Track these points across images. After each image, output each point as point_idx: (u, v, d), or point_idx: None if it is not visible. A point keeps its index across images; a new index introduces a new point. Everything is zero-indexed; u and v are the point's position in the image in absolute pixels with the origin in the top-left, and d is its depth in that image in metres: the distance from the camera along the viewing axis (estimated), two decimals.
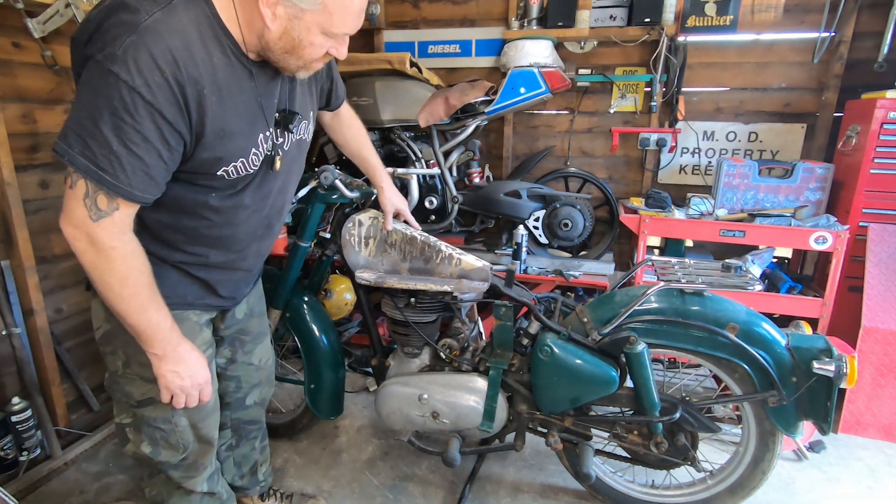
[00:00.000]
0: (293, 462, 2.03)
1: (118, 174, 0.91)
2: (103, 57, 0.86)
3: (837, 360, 1.36)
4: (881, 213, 2.26)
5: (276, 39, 0.98)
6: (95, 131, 0.88)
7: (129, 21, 0.88)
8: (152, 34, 0.89)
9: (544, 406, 1.61)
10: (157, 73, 0.89)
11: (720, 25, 2.58)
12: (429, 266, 1.70)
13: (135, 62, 0.87)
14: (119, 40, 0.87)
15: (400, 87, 2.71)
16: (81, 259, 0.96)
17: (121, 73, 0.86)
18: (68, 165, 0.91)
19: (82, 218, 0.92)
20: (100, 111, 0.87)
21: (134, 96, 0.87)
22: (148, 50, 0.88)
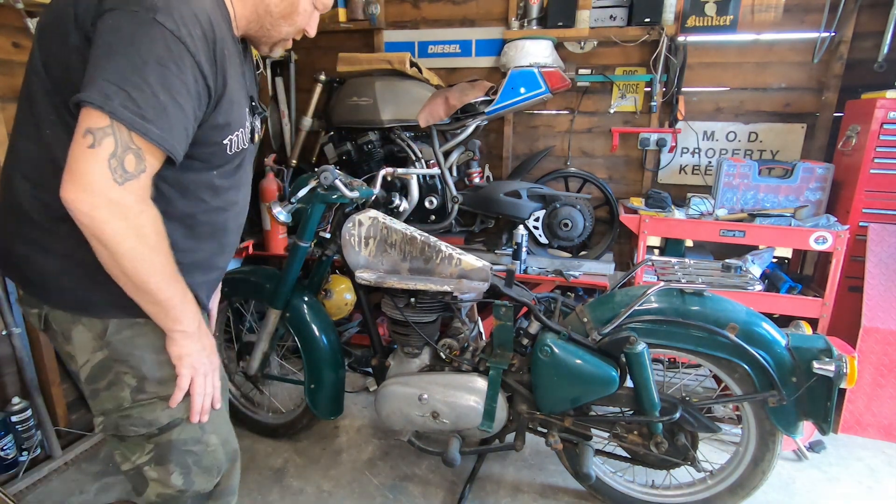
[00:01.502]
0: (293, 462, 2.03)
1: (163, 126, 0.85)
2: (142, 8, 0.83)
3: (837, 360, 1.36)
4: (881, 213, 2.26)
5: (277, 2, 1.04)
6: (139, 81, 0.83)
7: None
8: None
9: (544, 406, 1.61)
10: (197, 25, 0.88)
11: (720, 25, 2.58)
12: (429, 266, 1.70)
13: (178, 12, 0.85)
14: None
15: (400, 87, 2.71)
16: (100, 232, 0.83)
17: (166, 22, 0.84)
18: (109, 118, 0.82)
19: (104, 182, 0.82)
20: (143, 60, 0.83)
21: (179, 46, 0.85)
22: (188, 2, 0.88)
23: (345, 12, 3.07)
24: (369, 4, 2.99)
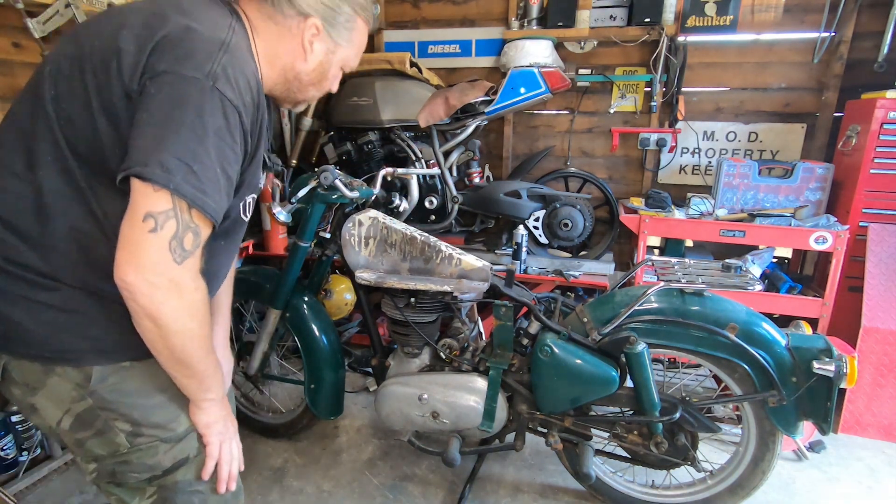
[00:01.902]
0: (293, 462, 2.03)
1: (217, 199, 0.84)
2: (202, 74, 0.81)
3: (837, 360, 1.36)
4: (881, 213, 2.26)
5: (308, 71, 1.03)
6: (201, 153, 0.80)
7: (217, 39, 0.86)
8: (238, 54, 0.88)
9: (544, 406, 1.61)
10: (249, 93, 0.87)
11: (720, 25, 2.58)
12: (429, 266, 1.70)
13: (235, 81, 0.84)
14: (214, 58, 0.83)
15: (400, 87, 2.71)
16: (157, 312, 0.81)
17: (226, 91, 0.82)
18: (171, 196, 0.78)
19: (165, 263, 0.80)
20: (205, 131, 0.81)
21: (235, 116, 0.84)
22: (241, 69, 0.86)
23: None
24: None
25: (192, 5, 0.91)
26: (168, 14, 0.87)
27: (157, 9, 0.89)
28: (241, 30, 0.93)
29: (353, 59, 1.09)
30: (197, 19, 0.87)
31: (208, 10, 0.92)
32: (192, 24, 0.85)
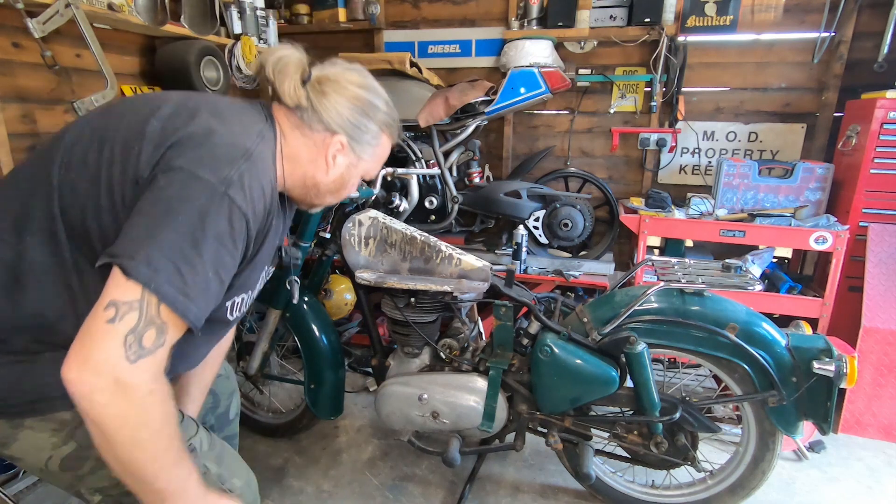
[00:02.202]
0: (293, 462, 2.03)
1: (202, 303, 0.80)
2: (216, 178, 0.80)
3: (837, 360, 1.36)
4: (881, 213, 2.26)
5: (328, 182, 1.04)
6: (194, 256, 0.78)
7: (242, 146, 0.86)
8: (260, 163, 0.88)
9: (544, 406, 1.61)
10: (262, 201, 0.87)
11: (720, 25, 2.58)
12: (429, 266, 1.70)
13: (250, 189, 0.84)
14: (235, 165, 0.83)
15: (400, 87, 2.71)
16: (98, 417, 0.72)
17: (237, 198, 0.82)
18: (142, 290, 0.74)
19: (114, 360, 0.72)
20: (204, 235, 0.78)
21: (242, 223, 0.84)
22: (259, 178, 0.87)
23: (345, 12, 3.08)
24: (369, 4, 2.99)
25: (227, 108, 0.93)
26: (200, 111, 0.88)
27: (191, 103, 0.90)
28: (269, 136, 0.95)
29: (374, 169, 1.11)
30: (227, 122, 0.89)
31: (241, 113, 0.94)
32: (219, 127, 0.87)
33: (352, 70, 1.03)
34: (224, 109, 0.92)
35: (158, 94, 0.95)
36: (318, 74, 0.99)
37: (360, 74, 1.03)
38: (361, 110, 1.00)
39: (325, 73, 1.00)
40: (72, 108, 1.89)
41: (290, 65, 0.95)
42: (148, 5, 2.27)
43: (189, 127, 0.85)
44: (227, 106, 0.94)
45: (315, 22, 3.15)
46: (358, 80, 1.01)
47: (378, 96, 1.04)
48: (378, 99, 1.03)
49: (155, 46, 2.47)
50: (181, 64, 2.38)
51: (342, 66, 1.04)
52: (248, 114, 0.95)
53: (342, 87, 0.99)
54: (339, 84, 0.99)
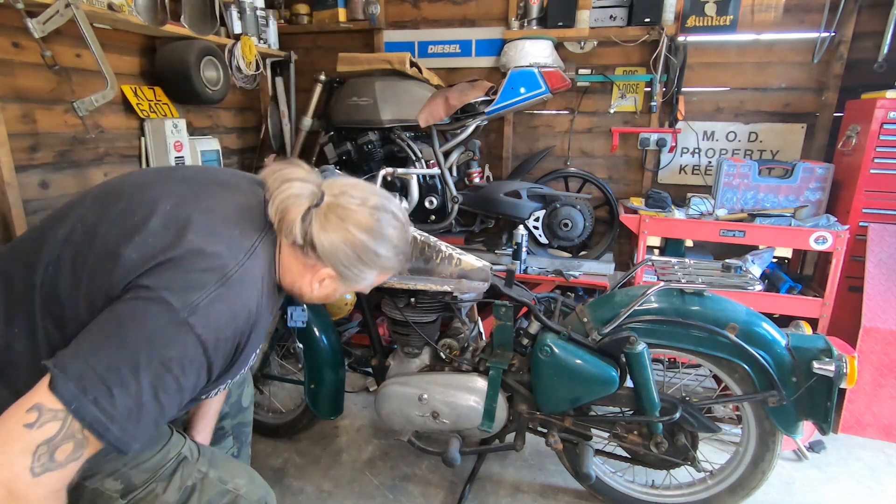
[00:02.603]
0: (293, 462, 2.03)
1: (128, 427, 0.75)
2: (181, 303, 0.78)
3: (837, 360, 1.36)
4: (881, 213, 2.26)
5: (313, 297, 1.03)
6: (130, 380, 0.74)
7: (218, 270, 0.83)
8: (237, 287, 0.85)
9: (544, 406, 1.61)
10: (229, 328, 0.84)
11: (720, 25, 2.58)
12: (429, 266, 1.70)
13: (215, 317, 0.81)
14: (205, 290, 0.80)
15: (400, 87, 2.71)
16: None
17: (197, 326, 0.78)
18: (67, 413, 0.71)
19: (17, 469, 0.68)
20: (148, 359, 0.75)
21: (198, 352, 0.80)
22: (230, 306, 0.83)
23: (345, 12, 3.08)
24: (369, 4, 2.99)
25: (224, 216, 0.90)
26: (190, 226, 0.85)
27: (184, 212, 0.87)
28: (264, 247, 0.92)
29: (367, 289, 1.09)
30: (217, 238, 0.86)
31: (238, 223, 0.91)
32: (206, 246, 0.84)
33: (366, 207, 0.95)
34: (219, 220, 0.89)
35: (157, 188, 0.92)
36: (329, 202, 0.94)
37: (372, 214, 0.96)
38: (358, 257, 0.95)
39: (337, 202, 0.94)
40: (72, 107, 1.89)
41: (293, 207, 0.91)
42: (148, 5, 2.27)
43: (171, 251, 0.82)
44: (224, 213, 0.90)
45: (315, 22, 3.14)
46: (366, 223, 0.94)
47: (383, 242, 0.97)
48: (382, 246, 0.97)
49: (155, 46, 2.47)
50: (181, 64, 2.38)
51: (361, 194, 0.96)
52: (245, 222, 0.92)
53: (345, 227, 0.93)
54: (344, 224, 0.93)
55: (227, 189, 0.97)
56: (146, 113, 2.41)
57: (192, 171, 1.03)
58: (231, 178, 1.01)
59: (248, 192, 0.98)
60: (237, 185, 0.99)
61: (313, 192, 0.94)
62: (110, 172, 2.32)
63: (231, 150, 3.11)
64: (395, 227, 0.99)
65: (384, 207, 0.98)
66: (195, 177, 0.99)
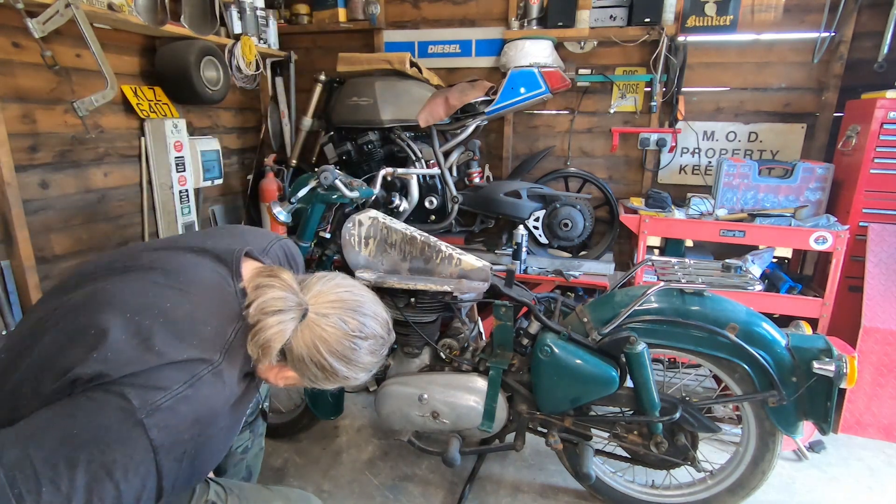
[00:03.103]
0: (293, 462, 2.03)
1: None
2: (139, 401, 0.73)
3: (837, 360, 1.36)
4: (881, 213, 2.26)
5: (278, 385, 1.00)
6: (63, 478, 0.68)
7: (188, 369, 0.79)
8: (207, 389, 0.81)
9: (544, 406, 1.61)
10: (186, 432, 0.78)
11: (720, 25, 2.58)
12: (429, 266, 1.70)
13: (173, 421, 0.76)
14: (168, 391, 0.76)
15: (400, 87, 2.71)
16: None
17: (151, 429, 0.73)
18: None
19: None
20: (89, 458, 0.69)
21: (147, 457, 0.74)
22: (195, 409, 0.78)
23: (345, 12, 3.08)
24: (369, 4, 2.99)
25: (192, 315, 0.84)
26: (154, 335, 0.79)
27: (146, 322, 0.80)
28: (239, 341, 0.88)
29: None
30: (186, 343, 0.80)
31: (208, 320, 0.85)
32: (176, 356, 0.78)
33: (346, 334, 0.91)
34: (187, 320, 0.83)
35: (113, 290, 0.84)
36: (311, 320, 0.89)
37: (351, 343, 0.91)
38: (325, 376, 0.92)
39: (318, 323, 0.89)
40: (72, 107, 1.89)
41: (274, 343, 0.87)
42: (148, 5, 2.27)
43: (134, 365, 0.76)
44: (192, 311, 0.84)
45: (315, 22, 3.15)
46: (340, 351, 0.91)
47: (353, 368, 0.93)
48: (352, 370, 0.93)
49: (155, 46, 2.47)
50: (181, 64, 2.38)
51: (343, 316, 0.91)
52: (217, 317, 0.86)
53: (319, 351, 0.89)
54: (318, 348, 0.89)
55: (191, 279, 0.90)
56: (146, 113, 2.41)
57: (149, 258, 0.94)
58: (192, 264, 0.93)
59: (215, 278, 0.92)
60: (200, 273, 0.92)
61: (294, 317, 0.89)
62: (110, 172, 2.32)
63: (231, 150, 3.11)
64: (371, 352, 0.95)
65: (364, 334, 0.93)
66: (155, 267, 0.91)
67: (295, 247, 1.23)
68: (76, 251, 2.19)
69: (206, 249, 0.97)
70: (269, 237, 1.16)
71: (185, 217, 2.56)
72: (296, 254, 1.22)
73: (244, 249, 0.99)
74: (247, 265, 0.98)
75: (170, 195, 2.49)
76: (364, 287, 1.00)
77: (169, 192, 2.48)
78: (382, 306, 1.01)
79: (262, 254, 1.07)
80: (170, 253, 0.96)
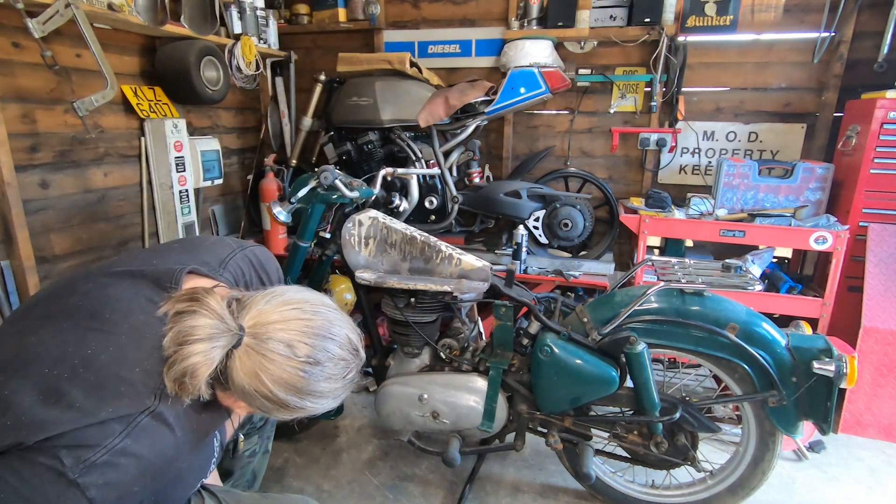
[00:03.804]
0: (293, 462, 2.03)
1: None
2: (71, 461, 0.67)
3: (837, 360, 1.36)
4: (881, 213, 2.26)
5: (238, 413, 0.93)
6: None
7: (121, 420, 0.71)
8: (148, 436, 0.73)
9: (544, 406, 1.61)
10: (135, 484, 0.72)
11: (720, 25, 2.58)
12: (429, 266, 1.70)
13: (114, 476, 0.69)
14: (101, 447, 0.69)
15: (400, 87, 2.71)
16: None
17: (89, 489, 0.67)
18: None
19: None
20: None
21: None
22: (137, 460, 0.71)
23: (345, 12, 3.08)
24: (369, 4, 2.99)
25: (117, 361, 0.75)
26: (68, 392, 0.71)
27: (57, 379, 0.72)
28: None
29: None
30: (113, 382, 0.73)
31: (139, 361, 0.76)
32: (98, 411, 0.70)
33: (292, 360, 0.79)
34: (112, 367, 0.74)
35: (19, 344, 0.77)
36: (248, 345, 0.79)
37: (300, 370, 0.79)
38: (277, 408, 0.82)
39: (257, 348, 0.79)
40: (72, 107, 1.89)
41: (196, 376, 0.76)
42: (148, 5, 2.27)
43: (51, 428, 0.68)
44: (117, 356, 0.76)
45: (315, 22, 3.15)
46: (288, 380, 0.79)
47: (309, 397, 0.82)
48: (309, 400, 0.82)
49: (155, 46, 2.47)
50: (181, 64, 2.38)
51: (289, 338, 0.79)
52: (149, 356, 0.77)
53: (260, 381, 0.79)
54: (259, 377, 0.78)
55: (119, 315, 0.80)
56: (146, 113, 2.41)
57: (84, 291, 0.85)
58: (125, 295, 0.84)
59: (148, 308, 0.82)
60: (131, 304, 0.82)
61: (222, 345, 0.78)
62: (110, 172, 2.32)
63: (231, 150, 3.11)
64: (328, 378, 0.82)
65: (315, 359, 0.80)
66: (83, 305, 0.82)
67: (266, 253, 1.11)
68: (76, 251, 2.19)
69: (146, 273, 0.87)
70: (231, 247, 1.04)
71: (185, 217, 2.56)
72: (265, 261, 1.10)
73: (186, 268, 0.88)
74: (190, 285, 0.88)
75: (170, 195, 2.49)
76: (322, 300, 0.87)
77: (169, 192, 2.48)
78: (346, 323, 0.87)
79: (218, 267, 0.97)
80: (107, 280, 0.86)
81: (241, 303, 0.83)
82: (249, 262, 1.05)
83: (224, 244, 1.05)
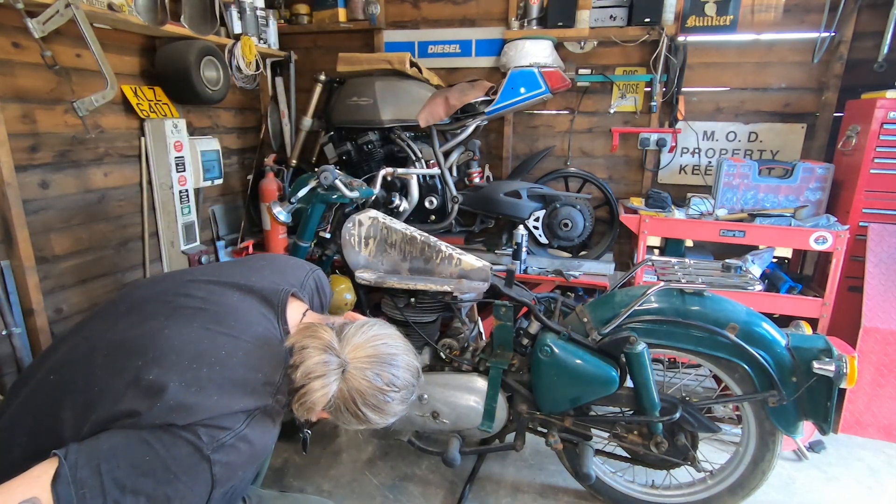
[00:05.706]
0: (293, 462, 2.03)
1: None
2: (208, 438, 0.80)
3: (837, 360, 1.36)
4: (881, 213, 2.26)
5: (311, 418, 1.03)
6: (125, 501, 0.74)
7: (245, 413, 0.86)
8: (260, 427, 0.87)
9: (544, 406, 1.61)
10: (241, 469, 0.86)
11: (720, 25, 2.58)
12: (429, 266, 1.70)
13: (233, 458, 0.82)
14: (231, 430, 0.83)
15: (400, 87, 2.71)
16: None
17: (216, 466, 0.80)
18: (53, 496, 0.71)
19: None
20: (155, 484, 0.76)
21: (204, 491, 0.81)
22: (250, 447, 0.85)
23: (345, 12, 3.08)
24: (369, 4, 2.99)
25: (244, 363, 0.90)
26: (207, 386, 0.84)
27: (200, 374, 0.85)
28: (286, 383, 0.94)
29: None
30: (239, 392, 0.86)
31: (259, 366, 0.91)
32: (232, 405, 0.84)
33: (382, 388, 0.96)
34: (239, 369, 0.89)
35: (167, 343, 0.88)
36: (350, 374, 0.94)
37: (386, 396, 0.96)
38: (357, 422, 0.97)
39: (355, 377, 0.94)
40: (72, 107, 1.89)
41: (318, 404, 0.94)
42: (148, 5, 2.27)
43: (197, 414, 0.81)
44: (243, 359, 0.90)
45: (315, 22, 3.15)
46: (374, 403, 0.96)
47: (384, 416, 0.99)
48: (382, 418, 0.99)
49: (155, 46, 2.47)
50: (181, 64, 2.38)
51: (381, 371, 0.96)
52: (266, 362, 0.93)
53: (354, 403, 0.94)
54: (355, 400, 0.94)
55: (243, 325, 0.96)
56: (146, 113, 2.41)
57: (200, 294, 1.00)
58: (242, 306, 0.99)
59: (263, 323, 0.98)
60: (249, 317, 0.98)
61: (336, 379, 0.94)
62: (110, 172, 2.32)
63: (231, 150, 3.11)
64: (401, 401, 1.00)
65: (397, 386, 0.97)
66: (206, 308, 0.97)
67: (324, 277, 1.29)
68: (76, 251, 2.19)
69: (254, 289, 1.04)
70: (305, 269, 1.22)
71: (184, 217, 2.56)
72: (325, 284, 1.29)
73: (289, 291, 1.06)
74: (291, 307, 1.05)
75: (170, 195, 2.49)
76: (398, 335, 1.04)
77: (169, 192, 2.48)
78: (414, 353, 1.05)
79: (300, 288, 1.14)
80: (219, 289, 1.01)
81: (341, 335, 0.98)
82: (315, 284, 1.24)
83: (300, 266, 1.23)
